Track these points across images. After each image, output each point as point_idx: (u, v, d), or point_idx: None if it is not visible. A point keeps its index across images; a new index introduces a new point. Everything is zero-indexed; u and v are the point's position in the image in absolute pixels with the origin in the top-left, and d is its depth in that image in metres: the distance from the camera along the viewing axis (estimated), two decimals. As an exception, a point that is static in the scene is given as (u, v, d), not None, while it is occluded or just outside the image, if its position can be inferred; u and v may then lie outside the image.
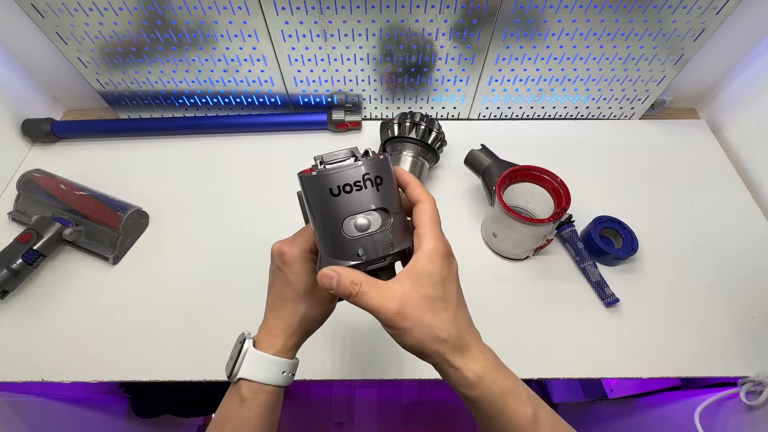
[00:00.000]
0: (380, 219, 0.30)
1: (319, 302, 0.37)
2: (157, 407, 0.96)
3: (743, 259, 0.66)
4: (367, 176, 0.30)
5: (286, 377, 0.36)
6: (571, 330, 0.60)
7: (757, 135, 0.75)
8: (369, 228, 0.30)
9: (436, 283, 0.29)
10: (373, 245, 0.30)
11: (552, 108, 0.84)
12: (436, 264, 0.30)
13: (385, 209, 0.30)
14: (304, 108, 0.85)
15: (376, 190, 0.30)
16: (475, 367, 0.30)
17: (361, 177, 0.29)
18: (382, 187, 0.30)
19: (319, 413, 1.27)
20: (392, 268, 0.33)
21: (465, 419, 1.26)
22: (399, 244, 0.31)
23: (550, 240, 0.63)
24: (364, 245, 0.30)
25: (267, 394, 0.35)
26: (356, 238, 0.30)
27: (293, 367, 0.37)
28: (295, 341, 0.37)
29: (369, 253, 0.30)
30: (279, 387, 0.36)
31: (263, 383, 0.35)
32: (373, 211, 0.30)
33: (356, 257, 0.30)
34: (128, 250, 0.68)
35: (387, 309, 0.28)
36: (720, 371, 0.57)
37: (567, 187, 0.58)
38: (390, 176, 0.32)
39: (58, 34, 0.68)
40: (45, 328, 0.61)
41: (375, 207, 0.30)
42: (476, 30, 0.68)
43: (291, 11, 0.65)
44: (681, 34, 0.69)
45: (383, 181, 0.30)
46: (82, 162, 0.80)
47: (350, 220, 0.30)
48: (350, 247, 0.30)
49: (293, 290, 0.36)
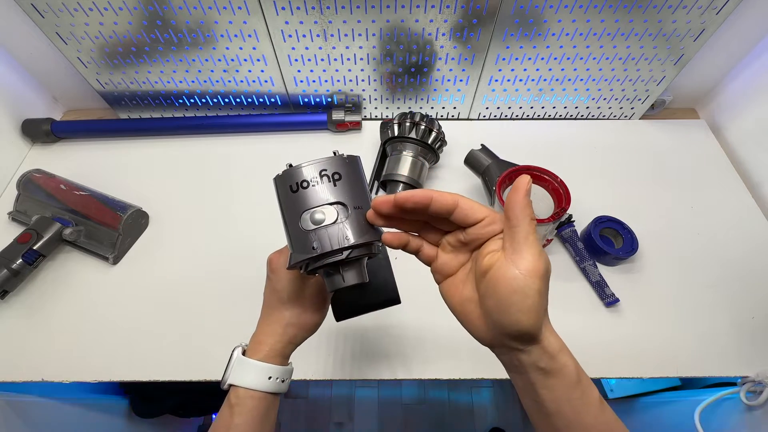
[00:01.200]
0: (335, 213, 0.31)
1: (304, 310, 0.38)
2: (157, 407, 0.96)
3: (743, 259, 0.66)
4: (324, 172, 0.31)
5: (274, 383, 0.36)
6: (570, 330, 0.59)
7: (757, 135, 0.75)
8: (323, 221, 0.31)
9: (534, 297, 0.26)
10: (327, 238, 0.31)
11: (552, 108, 0.84)
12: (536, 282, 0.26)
13: (342, 203, 0.31)
14: (304, 108, 0.85)
15: (333, 185, 0.31)
16: (558, 344, 0.28)
17: (318, 173, 0.31)
18: (341, 183, 0.31)
19: (319, 413, 1.27)
20: (357, 265, 0.33)
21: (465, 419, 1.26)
22: (357, 237, 0.31)
23: (550, 240, 0.63)
24: (319, 238, 0.31)
25: (255, 400, 0.35)
26: (311, 231, 0.31)
27: (283, 373, 0.37)
28: (282, 348, 0.37)
29: (323, 245, 0.30)
30: (268, 393, 0.36)
31: (248, 389, 0.35)
32: (328, 205, 0.31)
33: (311, 250, 0.31)
34: (128, 250, 0.68)
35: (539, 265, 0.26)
36: (720, 371, 0.57)
37: (567, 187, 0.58)
38: (354, 174, 0.33)
39: (58, 34, 0.68)
40: (45, 328, 0.61)
41: (331, 201, 0.31)
42: (476, 30, 0.68)
43: (291, 11, 0.65)
44: (681, 34, 0.69)
45: (342, 177, 0.32)
46: (82, 162, 0.80)
47: (306, 214, 0.31)
48: (306, 240, 0.31)
49: (279, 297, 0.37)
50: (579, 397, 0.28)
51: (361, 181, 0.33)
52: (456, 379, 0.56)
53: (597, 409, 0.28)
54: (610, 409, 0.29)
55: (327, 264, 0.31)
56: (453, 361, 0.57)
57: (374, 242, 0.32)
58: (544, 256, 0.27)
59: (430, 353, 0.58)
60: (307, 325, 0.38)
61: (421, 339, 0.59)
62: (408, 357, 0.58)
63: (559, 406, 0.28)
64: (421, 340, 0.59)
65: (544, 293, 0.26)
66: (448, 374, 0.56)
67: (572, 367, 0.28)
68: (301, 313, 0.38)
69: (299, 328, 0.38)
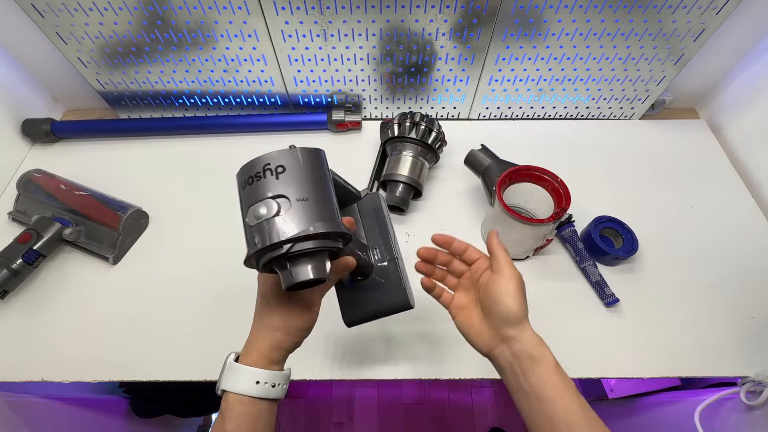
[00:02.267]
0: (276, 206, 0.30)
1: (289, 314, 0.38)
2: (157, 407, 0.96)
3: (743, 258, 0.66)
4: (267, 167, 0.31)
5: (262, 388, 0.36)
6: (570, 330, 0.60)
7: (757, 135, 0.75)
8: (264, 216, 0.30)
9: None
10: (267, 232, 0.29)
11: (552, 108, 0.84)
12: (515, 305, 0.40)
13: (284, 196, 0.30)
14: (304, 108, 0.85)
15: (276, 178, 0.30)
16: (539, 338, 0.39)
17: (262, 167, 0.31)
18: (284, 175, 0.30)
19: (319, 413, 1.27)
20: (311, 260, 0.31)
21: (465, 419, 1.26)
22: (297, 230, 0.29)
23: (550, 240, 0.63)
24: (260, 232, 0.30)
25: (244, 405, 0.35)
26: (253, 226, 0.30)
27: (272, 378, 0.37)
28: (269, 352, 0.37)
29: (263, 239, 0.29)
30: (258, 398, 0.36)
31: (237, 393, 0.35)
32: (270, 199, 0.30)
33: (254, 245, 0.30)
34: (128, 250, 0.68)
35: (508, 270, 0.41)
36: (720, 371, 0.57)
37: (567, 187, 0.58)
38: (303, 166, 0.31)
39: (58, 34, 0.68)
40: (45, 328, 0.61)
41: (272, 195, 0.30)
42: (476, 30, 0.68)
43: (291, 11, 0.65)
44: (681, 34, 0.69)
45: (286, 170, 0.31)
46: (82, 162, 0.80)
47: (251, 210, 0.30)
48: (251, 235, 0.30)
49: (265, 302, 0.38)
50: (559, 380, 0.36)
51: (310, 173, 0.32)
52: (456, 379, 0.56)
53: (574, 392, 0.36)
54: (583, 398, 0.36)
55: (275, 259, 0.30)
56: (453, 361, 0.57)
57: (325, 234, 0.30)
58: (518, 270, 0.41)
59: (430, 353, 0.58)
60: (294, 329, 0.38)
61: (421, 339, 0.59)
62: (408, 357, 0.58)
63: (545, 391, 0.35)
64: (421, 340, 0.59)
65: (522, 289, 0.40)
66: (448, 374, 0.56)
67: (551, 356, 0.37)
68: (287, 317, 0.38)
69: (285, 333, 0.38)
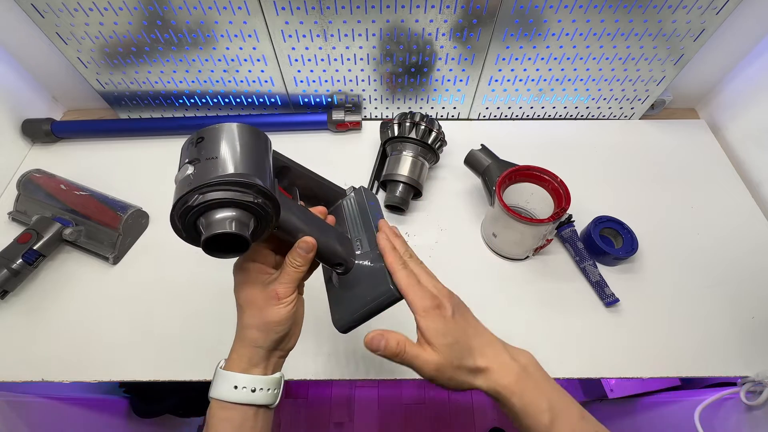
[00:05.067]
0: (190, 168, 0.31)
1: (259, 308, 0.36)
2: (157, 407, 0.96)
3: (743, 259, 0.66)
4: (191, 140, 0.33)
5: (242, 393, 0.35)
6: (571, 330, 0.60)
7: (757, 135, 0.75)
8: (179, 178, 0.31)
9: (442, 333, 0.34)
10: (177, 191, 0.31)
11: (552, 108, 0.84)
12: (431, 318, 0.34)
13: (197, 159, 0.31)
14: (304, 108, 0.85)
15: (194, 146, 0.32)
16: (496, 385, 0.34)
17: (188, 142, 0.33)
18: (201, 143, 0.32)
19: (319, 413, 1.27)
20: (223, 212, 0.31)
21: (465, 419, 1.26)
22: (200, 180, 0.30)
23: (550, 240, 0.63)
24: (175, 195, 0.31)
25: (225, 411, 0.35)
26: (175, 191, 0.31)
27: (252, 382, 0.35)
28: (249, 355, 0.36)
29: (175, 197, 0.31)
30: (238, 404, 0.35)
31: (218, 399, 0.35)
32: (186, 163, 0.31)
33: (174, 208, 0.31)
34: (128, 250, 0.68)
35: (429, 364, 0.34)
36: (720, 371, 0.57)
37: (567, 187, 0.58)
38: (220, 134, 0.33)
39: (58, 34, 0.68)
40: (45, 328, 0.61)
41: (188, 160, 0.31)
42: (476, 30, 0.68)
43: (291, 11, 0.65)
44: (681, 34, 0.69)
45: (204, 139, 0.32)
46: (82, 162, 0.80)
47: (175, 180, 0.32)
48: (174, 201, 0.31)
49: (237, 305, 0.38)
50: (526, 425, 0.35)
51: (228, 139, 0.32)
52: (456, 379, 0.56)
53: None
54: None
55: (188, 216, 0.31)
56: (453, 361, 0.57)
57: (231, 183, 0.30)
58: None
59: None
60: (266, 324, 0.36)
61: (421, 339, 0.59)
62: (408, 357, 0.57)
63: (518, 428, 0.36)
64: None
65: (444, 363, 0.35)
66: (448, 374, 0.56)
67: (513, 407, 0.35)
68: (255, 313, 0.36)
69: (258, 329, 0.36)
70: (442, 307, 0.35)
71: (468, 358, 0.34)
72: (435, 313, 0.34)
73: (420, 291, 0.35)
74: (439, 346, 0.34)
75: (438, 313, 0.34)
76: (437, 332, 0.34)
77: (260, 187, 0.31)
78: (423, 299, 0.35)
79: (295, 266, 0.36)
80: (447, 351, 0.34)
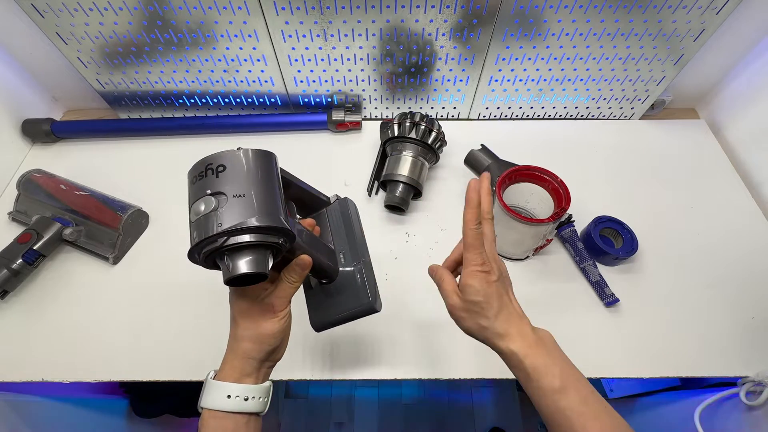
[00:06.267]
0: (214, 202, 0.31)
1: (254, 321, 0.37)
2: (157, 407, 0.96)
3: (743, 259, 0.66)
4: (210, 166, 0.32)
5: (234, 402, 0.35)
6: (571, 330, 0.59)
7: (757, 135, 0.75)
8: (203, 212, 0.31)
9: (477, 292, 0.38)
10: (204, 227, 0.30)
11: (552, 108, 0.84)
12: (476, 278, 0.38)
13: (222, 193, 0.31)
14: (304, 108, 0.85)
15: (216, 176, 0.32)
16: (512, 346, 0.37)
17: (204, 167, 0.32)
18: (224, 174, 0.32)
19: (319, 413, 1.27)
20: (249, 254, 0.31)
21: (465, 419, 1.26)
22: (232, 223, 0.30)
23: (550, 240, 0.63)
24: (197, 228, 0.31)
25: (217, 420, 0.35)
26: (193, 222, 0.31)
27: (245, 391, 0.36)
28: (241, 365, 0.37)
29: (200, 234, 0.30)
30: (230, 413, 0.35)
31: (209, 409, 0.35)
32: (209, 195, 0.31)
33: (193, 239, 0.31)
34: (128, 250, 0.68)
35: (448, 303, 0.40)
36: (720, 371, 0.57)
37: (567, 187, 0.58)
38: (245, 165, 0.32)
39: (58, 34, 0.68)
40: (45, 328, 0.61)
41: (211, 192, 0.31)
42: (476, 30, 0.68)
43: (291, 11, 0.65)
44: (681, 34, 0.69)
45: (226, 169, 0.32)
46: (82, 162, 0.80)
47: (192, 207, 0.32)
48: (192, 231, 0.31)
49: (232, 315, 0.38)
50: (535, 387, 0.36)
51: (251, 172, 0.32)
52: (456, 379, 0.56)
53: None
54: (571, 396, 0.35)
55: (214, 253, 0.31)
56: (453, 361, 0.57)
57: (261, 228, 0.31)
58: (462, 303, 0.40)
59: (430, 353, 0.58)
60: (260, 337, 0.37)
61: (421, 339, 0.59)
62: (408, 357, 0.58)
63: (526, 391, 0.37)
64: (421, 340, 0.59)
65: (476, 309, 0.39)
66: (448, 374, 0.56)
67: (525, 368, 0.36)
68: (250, 325, 0.37)
69: (251, 341, 0.37)
70: (490, 272, 0.38)
71: (490, 318, 0.38)
72: (481, 275, 0.38)
73: (478, 252, 0.38)
74: (468, 297, 0.38)
75: (483, 276, 0.38)
76: (473, 290, 0.38)
77: (285, 231, 0.32)
78: (477, 259, 0.38)
79: (291, 282, 0.38)
80: (470, 304, 0.38)
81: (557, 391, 0.34)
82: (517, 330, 0.38)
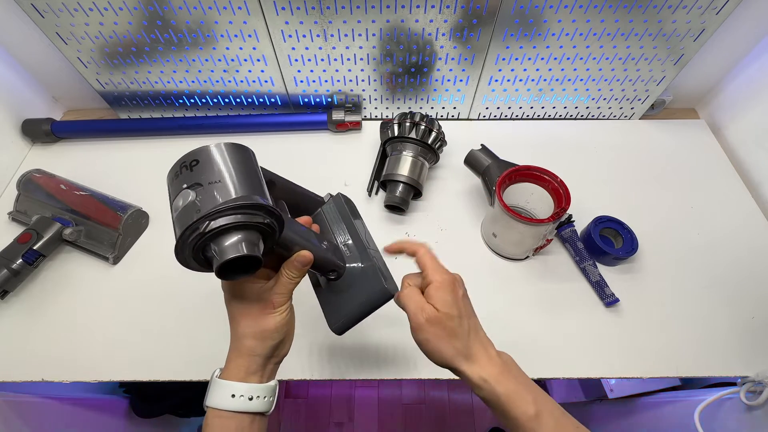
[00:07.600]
0: (191, 194, 0.31)
1: (255, 318, 0.37)
2: (157, 407, 0.96)
3: (743, 259, 0.66)
4: (183, 163, 0.32)
5: (238, 401, 0.35)
6: (571, 330, 0.60)
7: (757, 135, 0.75)
8: (182, 205, 0.31)
9: (451, 304, 0.36)
10: (183, 218, 0.30)
11: (552, 108, 0.84)
12: (446, 290, 0.37)
13: (198, 184, 0.31)
14: (304, 108, 0.85)
15: (190, 171, 0.32)
16: (482, 372, 0.36)
17: (179, 166, 0.33)
18: (197, 167, 0.32)
19: (319, 413, 1.27)
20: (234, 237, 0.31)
21: (465, 419, 1.26)
22: (210, 207, 0.30)
23: (550, 240, 0.63)
24: (179, 221, 0.31)
25: (222, 419, 0.35)
26: (175, 218, 0.31)
27: (249, 391, 0.36)
28: (246, 364, 0.36)
29: (181, 225, 0.30)
30: (235, 412, 0.35)
31: (214, 408, 0.35)
32: (186, 189, 0.31)
33: (176, 236, 0.31)
34: (128, 250, 0.68)
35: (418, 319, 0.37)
36: (720, 371, 0.57)
37: (567, 187, 0.58)
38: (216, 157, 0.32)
39: (58, 34, 0.68)
40: (45, 328, 0.61)
41: (187, 185, 0.31)
42: (476, 30, 0.68)
43: (291, 11, 0.65)
44: (681, 34, 0.69)
45: (199, 162, 0.32)
46: (82, 162, 0.80)
47: (173, 206, 0.32)
48: (174, 228, 0.31)
49: (229, 312, 0.38)
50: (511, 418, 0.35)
51: (224, 161, 0.32)
52: (456, 379, 0.55)
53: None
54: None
55: (200, 245, 0.31)
56: (453, 361, 0.57)
57: (242, 206, 0.30)
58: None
59: (430, 353, 0.58)
60: (262, 333, 0.37)
61: (421, 339, 0.59)
62: (408, 357, 0.58)
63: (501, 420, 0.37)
64: (421, 340, 0.59)
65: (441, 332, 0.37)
66: (448, 374, 0.55)
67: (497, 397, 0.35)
68: (250, 322, 0.37)
69: (254, 338, 0.37)
70: (457, 286, 0.38)
71: (461, 336, 0.36)
72: (450, 287, 0.37)
73: (440, 268, 0.38)
74: (442, 309, 0.36)
75: (452, 288, 0.37)
76: (445, 302, 0.36)
77: (268, 208, 0.32)
78: (442, 274, 0.38)
79: (291, 278, 0.37)
80: (445, 316, 0.36)
81: (532, 419, 0.34)
82: (485, 354, 0.37)
